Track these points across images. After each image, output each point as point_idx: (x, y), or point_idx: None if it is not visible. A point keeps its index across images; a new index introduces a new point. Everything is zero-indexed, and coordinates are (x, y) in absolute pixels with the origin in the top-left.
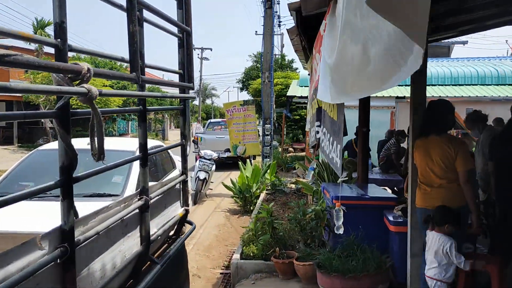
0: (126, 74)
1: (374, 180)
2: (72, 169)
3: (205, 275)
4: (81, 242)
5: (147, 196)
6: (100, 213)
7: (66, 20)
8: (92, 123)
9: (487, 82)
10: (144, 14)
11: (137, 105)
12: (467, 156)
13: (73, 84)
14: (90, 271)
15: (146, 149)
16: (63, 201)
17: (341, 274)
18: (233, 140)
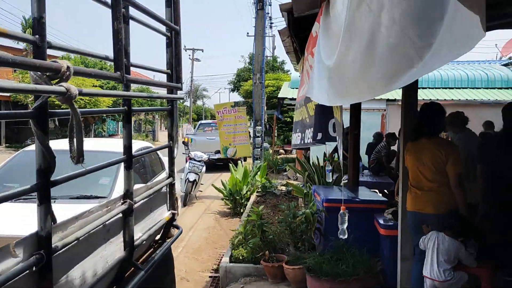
0: (110, 73)
1: (364, 182)
2: (50, 172)
3: (194, 278)
4: (59, 248)
5: (131, 200)
6: (80, 218)
7: (45, 16)
8: (71, 124)
9: (477, 86)
10: (131, 12)
11: (123, 106)
12: (458, 159)
13: (52, 83)
14: (69, 279)
15: (130, 151)
16: (40, 205)
17: (331, 278)
18: (224, 142)
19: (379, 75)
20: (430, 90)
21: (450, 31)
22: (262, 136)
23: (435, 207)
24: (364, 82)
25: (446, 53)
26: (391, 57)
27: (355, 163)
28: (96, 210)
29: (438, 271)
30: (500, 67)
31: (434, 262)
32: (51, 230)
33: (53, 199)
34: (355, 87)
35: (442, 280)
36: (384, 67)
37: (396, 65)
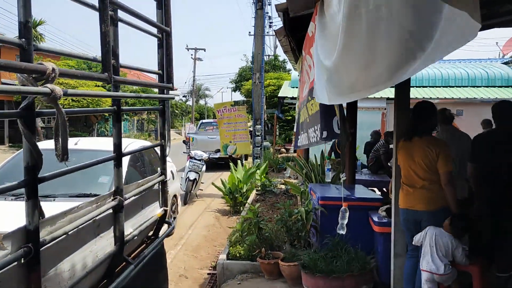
0: (97, 74)
1: (363, 181)
2: (37, 169)
3: (192, 275)
4: (47, 242)
5: (121, 197)
6: (69, 213)
7: (31, 20)
8: (57, 124)
9: (477, 84)
10: (121, 15)
11: (112, 106)
12: (449, 157)
13: (37, 84)
14: (58, 271)
15: (120, 149)
16: (27, 201)
17: (325, 274)
18: (224, 140)
19: (381, 69)
20: (430, 89)
21: (451, 21)
22: (262, 135)
23: (426, 204)
24: (367, 78)
25: (449, 43)
26: (392, 51)
27: (351, 162)
28: (86, 206)
29: (437, 264)
30: (500, 65)
31: (434, 257)
32: (39, 224)
33: (52, 197)
34: (358, 84)
35: (441, 273)
36: (387, 61)
37: (398, 58)
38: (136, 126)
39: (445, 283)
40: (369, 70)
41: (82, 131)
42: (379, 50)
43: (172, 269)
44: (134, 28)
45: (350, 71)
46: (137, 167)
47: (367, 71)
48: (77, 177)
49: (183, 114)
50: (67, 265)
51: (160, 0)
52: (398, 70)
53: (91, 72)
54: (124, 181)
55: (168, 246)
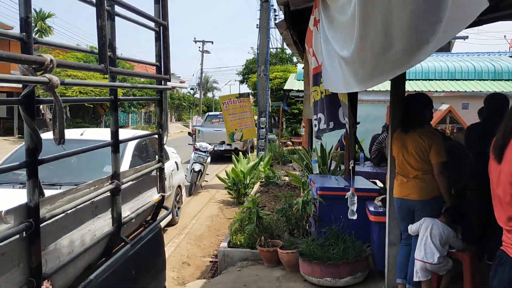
0: (94, 65)
1: (365, 173)
2: (37, 151)
3: (195, 263)
4: (47, 219)
5: (119, 181)
6: (68, 194)
7: (31, 15)
8: (54, 110)
9: (484, 77)
10: (119, 9)
11: (109, 95)
12: (441, 148)
13: (37, 74)
14: (57, 246)
15: (117, 136)
16: (28, 180)
17: (322, 261)
18: (230, 129)
19: (398, 55)
20: (437, 82)
21: (457, 5)
22: (267, 127)
23: (419, 194)
24: (387, 63)
25: (455, 25)
26: (406, 35)
27: (351, 153)
28: (84, 187)
29: (431, 254)
30: (507, 58)
31: (427, 246)
32: (39, 202)
33: (58, 185)
34: (378, 69)
35: (434, 263)
36: (402, 46)
37: (413, 42)
38: (144, 118)
39: (439, 272)
40: (387, 55)
41: (90, 123)
42: (394, 35)
43: (175, 257)
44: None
45: (369, 58)
46: (142, 156)
47: (385, 56)
48: (82, 166)
49: (190, 107)
50: (66, 242)
51: None
52: (414, 53)
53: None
54: (129, 168)
55: (172, 235)
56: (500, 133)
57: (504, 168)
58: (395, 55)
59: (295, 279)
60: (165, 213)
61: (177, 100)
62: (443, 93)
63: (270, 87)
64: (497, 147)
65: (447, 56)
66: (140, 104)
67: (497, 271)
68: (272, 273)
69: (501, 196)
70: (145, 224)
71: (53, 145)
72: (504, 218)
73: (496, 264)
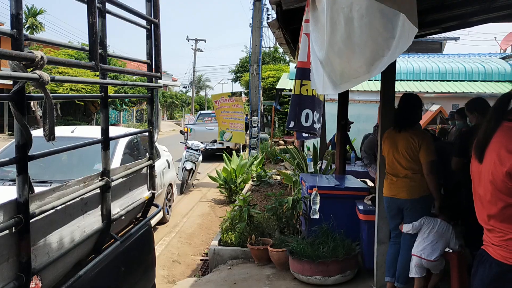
0: (84, 62)
1: (356, 172)
2: (27, 147)
3: (185, 261)
4: (37, 214)
5: (109, 178)
6: (57, 190)
7: (22, 12)
8: (45, 107)
9: (474, 78)
10: (109, 7)
11: (100, 92)
12: (430, 148)
13: (27, 71)
14: (47, 242)
15: (107, 133)
16: (18, 176)
17: (312, 259)
18: (222, 126)
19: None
20: (428, 82)
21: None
22: (259, 126)
23: (409, 193)
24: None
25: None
26: (367, 46)
27: (341, 152)
28: (74, 184)
29: (430, 251)
30: (497, 59)
31: (428, 244)
32: (29, 198)
33: (49, 183)
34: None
35: (431, 260)
36: (364, 56)
37: (371, 54)
38: (136, 116)
39: (433, 270)
40: (351, 63)
41: (81, 121)
42: (356, 45)
43: (165, 255)
44: (123, 20)
45: (337, 64)
46: (133, 154)
47: (350, 63)
48: (73, 164)
49: (183, 105)
50: (56, 237)
51: None
52: (373, 64)
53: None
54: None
55: (163, 233)
56: (481, 134)
57: (485, 167)
58: (357, 64)
59: (285, 277)
60: (155, 211)
61: (169, 98)
62: (433, 94)
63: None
64: (478, 147)
65: (438, 57)
66: (132, 102)
67: (478, 270)
68: (262, 271)
69: (482, 195)
70: (135, 221)
71: (44, 143)
72: (484, 217)
73: (477, 263)
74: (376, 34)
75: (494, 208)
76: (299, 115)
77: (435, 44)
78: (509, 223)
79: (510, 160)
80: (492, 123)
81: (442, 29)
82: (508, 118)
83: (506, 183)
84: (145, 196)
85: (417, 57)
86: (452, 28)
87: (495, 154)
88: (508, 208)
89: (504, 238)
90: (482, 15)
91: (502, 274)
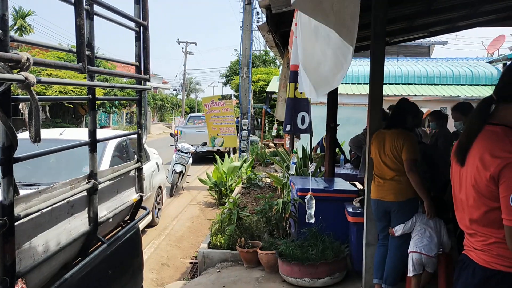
0: (71, 64)
1: (345, 175)
2: (13, 149)
3: (175, 264)
4: (22, 217)
5: (96, 180)
6: (43, 193)
7: (7, 13)
8: (30, 108)
9: (462, 82)
10: (97, 9)
11: (87, 94)
12: (412, 147)
13: (13, 72)
14: (32, 245)
15: (95, 135)
16: (3, 178)
17: (301, 262)
18: (211, 132)
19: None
20: (416, 86)
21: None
22: (249, 129)
23: (396, 195)
24: (321, 78)
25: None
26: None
27: (331, 155)
28: (60, 186)
29: (429, 246)
30: (485, 64)
31: (424, 239)
32: (14, 200)
33: (36, 185)
34: (317, 82)
35: (431, 255)
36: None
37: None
38: (125, 119)
39: (429, 268)
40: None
41: (70, 123)
42: (322, 57)
43: (154, 258)
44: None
45: (310, 70)
46: (123, 157)
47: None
48: (61, 167)
49: (173, 108)
50: (41, 240)
51: None
52: (335, 76)
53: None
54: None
55: (152, 236)
56: (463, 137)
57: (467, 171)
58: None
59: (274, 280)
60: (143, 213)
61: (159, 101)
62: (422, 97)
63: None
64: (460, 151)
65: (426, 61)
66: (122, 105)
67: (461, 276)
68: (251, 274)
69: (463, 200)
70: (123, 224)
71: (32, 145)
72: (466, 222)
73: (459, 269)
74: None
75: (476, 212)
76: (295, 118)
77: (423, 48)
78: (492, 227)
79: (493, 165)
80: (474, 127)
81: (429, 33)
82: (490, 122)
83: (490, 187)
84: (133, 198)
85: (406, 61)
86: (440, 32)
87: (477, 158)
88: (491, 212)
89: (486, 243)
90: (468, 20)
91: (486, 280)
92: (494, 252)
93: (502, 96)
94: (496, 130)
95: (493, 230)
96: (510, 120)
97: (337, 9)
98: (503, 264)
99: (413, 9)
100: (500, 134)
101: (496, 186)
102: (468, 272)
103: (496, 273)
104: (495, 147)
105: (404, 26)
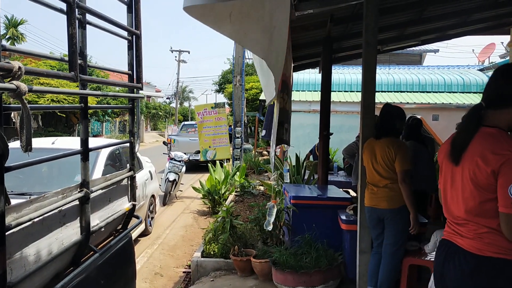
0: (63, 72)
1: (338, 182)
2: (4, 158)
3: (168, 273)
4: (13, 227)
5: (88, 189)
6: (35, 202)
7: (0, 24)
8: (22, 117)
9: (453, 90)
10: (90, 17)
11: (79, 103)
12: (405, 157)
13: (4, 81)
14: (23, 255)
15: (87, 144)
16: None
17: (294, 270)
18: (203, 145)
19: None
20: (408, 94)
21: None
22: (242, 137)
23: (389, 203)
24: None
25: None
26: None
27: (324, 163)
28: (52, 196)
29: None
30: (476, 71)
31: None
32: (5, 209)
33: (28, 195)
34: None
35: None
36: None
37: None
38: (118, 127)
39: None
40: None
41: (62, 132)
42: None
43: (147, 267)
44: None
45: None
46: (115, 165)
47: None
48: (53, 176)
49: (166, 116)
50: (33, 250)
51: (130, 4)
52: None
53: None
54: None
55: (145, 245)
56: (459, 139)
57: (464, 167)
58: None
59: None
60: (136, 222)
61: (153, 110)
62: (414, 105)
63: (246, 97)
64: (455, 151)
65: (418, 68)
66: (115, 113)
67: (448, 260)
68: (245, 282)
69: (457, 193)
70: (115, 233)
71: (24, 154)
72: (459, 212)
73: (444, 252)
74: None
75: (471, 202)
76: (270, 125)
77: (415, 56)
78: (484, 217)
79: (495, 161)
80: (470, 129)
81: (421, 41)
82: (485, 124)
83: (490, 180)
84: (126, 207)
85: (398, 69)
86: (431, 40)
87: (477, 156)
88: (487, 203)
89: (478, 232)
90: (459, 28)
91: (479, 265)
92: (486, 240)
93: (489, 103)
94: (492, 132)
95: (485, 220)
96: (499, 123)
97: (236, 18)
98: (493, 251)
99: (404, 18)
100: (496, 135)
101: (495, 179)
102: (459, 258)
103: (486, 258)
104: (495, 146)
105: (395, 35)
